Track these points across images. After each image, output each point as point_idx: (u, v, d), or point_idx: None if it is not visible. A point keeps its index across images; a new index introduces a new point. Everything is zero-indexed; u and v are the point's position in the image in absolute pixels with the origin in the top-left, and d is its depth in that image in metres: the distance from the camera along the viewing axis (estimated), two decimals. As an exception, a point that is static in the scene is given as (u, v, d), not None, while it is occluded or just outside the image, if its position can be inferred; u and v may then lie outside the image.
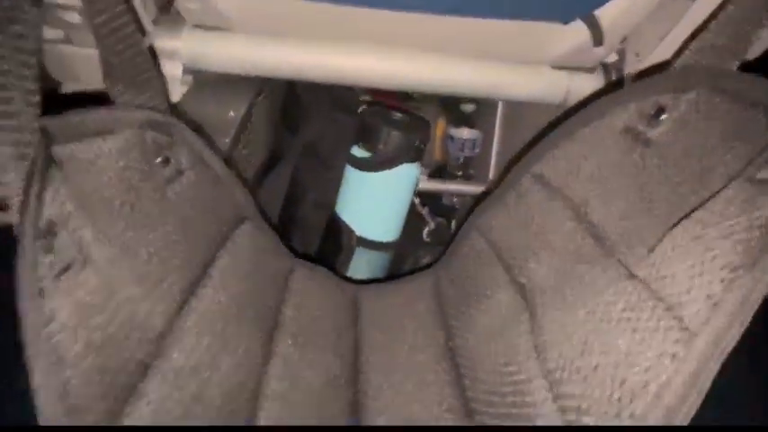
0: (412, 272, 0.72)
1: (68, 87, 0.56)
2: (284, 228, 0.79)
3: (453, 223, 0.93)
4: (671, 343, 0.30)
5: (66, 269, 0.36)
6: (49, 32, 0.51)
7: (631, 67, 0.61)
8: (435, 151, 0.97)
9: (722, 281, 0.30)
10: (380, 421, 0.50)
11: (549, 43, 0.59)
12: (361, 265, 0.78)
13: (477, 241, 0.62)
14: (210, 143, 0.57)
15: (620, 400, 0.32)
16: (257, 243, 0.61)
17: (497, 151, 0.89)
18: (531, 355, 0.43)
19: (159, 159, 0.49)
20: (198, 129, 0.56)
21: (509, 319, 0.49)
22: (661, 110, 0.45)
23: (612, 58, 0.63)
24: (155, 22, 0.53)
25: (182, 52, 0.56)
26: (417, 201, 0.86)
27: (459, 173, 0.96)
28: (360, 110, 0.82)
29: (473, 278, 0.60)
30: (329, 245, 0.80)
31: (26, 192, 0.35)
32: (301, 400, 0.49)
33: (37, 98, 0.37)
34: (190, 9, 0.53)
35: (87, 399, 0.34)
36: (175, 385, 0.41)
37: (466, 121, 0.96)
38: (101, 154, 0.42)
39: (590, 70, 0.64)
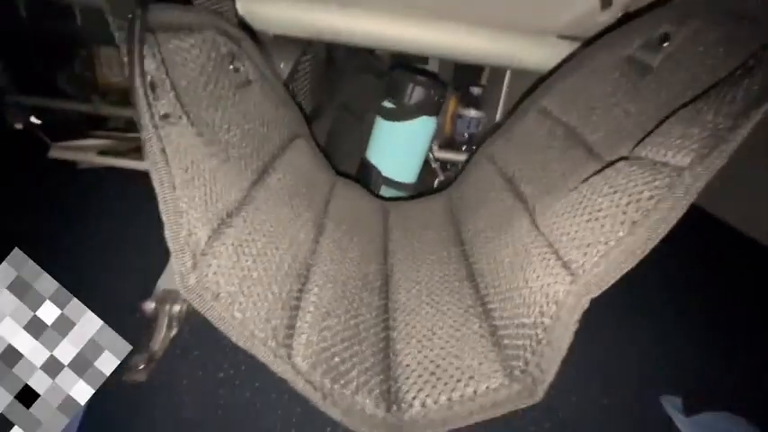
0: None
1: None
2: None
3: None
4: (654, 187, 0.40)
5: (166, 117, 0.43)
6: None
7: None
8: (446, 127, 1.11)
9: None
10: (402, 278, 0.60)
11: (559, 11, 0.68)
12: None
13: (485, 166, 0.74)
14: (272, 66, 0.69)
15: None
16: (309, 154, 0.73)
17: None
18: (530, 230, 0.52)
19: (231, 66, 0.58)
20: (262, 49, 0.68)
21: (510, 214, 0.59)
22: (665, 38, 0.50)
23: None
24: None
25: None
26: (432, 157, 0.98)
27: (464, 147, 1.10)
28: (391, 70, 0.96)
29: (479, 189, 0.72)
30: (361, 182, 0.91)
31: (130, 49, 0.41)
32: (345, 261, 0.60)
33: None
34: None
35: (193, 215, 0.42)
36: (252, 229, 0.50)
37: (474, 102, 1.11)
38: (183, 46, 0.49)
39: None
